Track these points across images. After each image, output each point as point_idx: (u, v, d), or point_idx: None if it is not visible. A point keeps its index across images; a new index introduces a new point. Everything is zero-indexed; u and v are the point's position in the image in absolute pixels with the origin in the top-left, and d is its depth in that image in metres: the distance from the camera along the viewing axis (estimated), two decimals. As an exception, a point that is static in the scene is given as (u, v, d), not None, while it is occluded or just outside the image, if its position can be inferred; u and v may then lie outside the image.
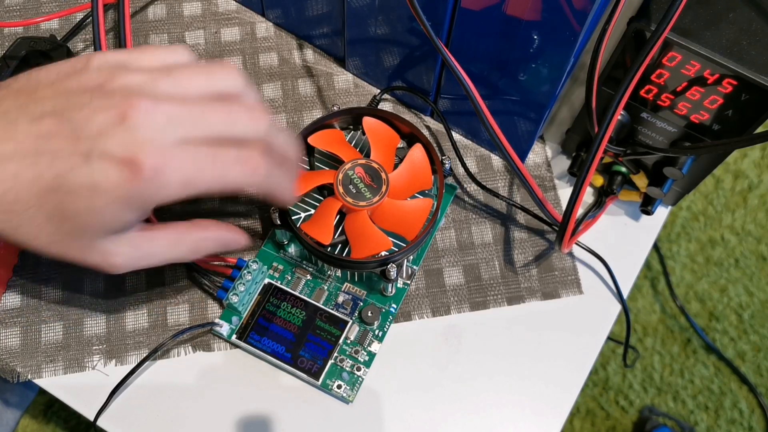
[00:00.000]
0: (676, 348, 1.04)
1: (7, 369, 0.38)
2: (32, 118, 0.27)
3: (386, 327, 0.38)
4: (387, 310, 0.39)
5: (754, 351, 1.05)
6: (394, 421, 0.38)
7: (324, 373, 0.37)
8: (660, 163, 0.38)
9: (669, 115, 0.36)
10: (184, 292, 0.40)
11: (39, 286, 0.39)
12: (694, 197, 1.14)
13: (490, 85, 0.38)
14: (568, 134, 0.42)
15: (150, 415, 0.37)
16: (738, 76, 0.31)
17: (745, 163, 1.16)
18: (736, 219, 1.13)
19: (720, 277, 1.09)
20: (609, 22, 0.32)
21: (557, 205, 0.43)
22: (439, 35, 0.36)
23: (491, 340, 0.39)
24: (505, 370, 0.39)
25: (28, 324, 0.38)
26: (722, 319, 1.06)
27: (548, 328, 0.40)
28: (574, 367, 0.39)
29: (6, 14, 0.48)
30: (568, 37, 0.32)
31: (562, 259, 0.42)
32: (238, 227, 0.35)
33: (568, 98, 0.40)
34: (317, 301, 0.38)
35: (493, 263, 0.41)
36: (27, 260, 0.40)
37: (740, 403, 1.02)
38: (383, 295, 0.39)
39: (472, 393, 0.38)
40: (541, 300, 0.41)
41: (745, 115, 0.33)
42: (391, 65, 0.42)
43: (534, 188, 0.36)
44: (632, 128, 0.38)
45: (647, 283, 1.08)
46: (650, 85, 0.35)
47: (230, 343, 0.38)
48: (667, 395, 1.02)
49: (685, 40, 0.32)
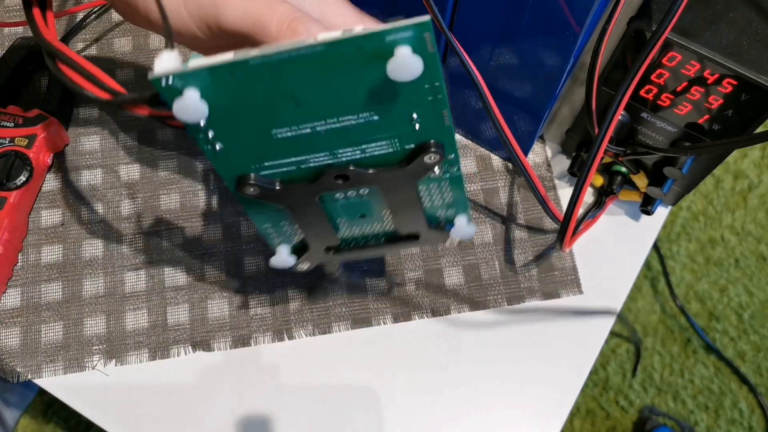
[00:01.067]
0: (676, 348, 1.04)
1: (7, 369, 0.38)
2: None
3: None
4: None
5: (754, 351, 1.05)
6: (393, 422, 0.38)
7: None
8: (660, 163, 0.38)
9: (669, 115, 0.36)
10: (184, 292, 0.40)
11: (39, 286, 0.39)
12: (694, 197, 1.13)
13: (490, 84, 0.38)
14: (568, 134, 0.42)
15: (150, 415, 0.37)
16: (738, 76, 0.31)
17: (745, 163, 1.16)
18: (736, 219, 1.12)
19: (720, 277, 1.09)
20: (609, 22, 0.32)
21: (557, 205, 0.43)
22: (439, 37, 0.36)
23: (491, 340, 0.39)
24: (504, 369, 0.39)
25: (28, 324, 0.38)
26: (722, 319, 1.06)
27: (548, 328, 0.40)
28: (574, 367, 0.39)
29: (6, 14, 0.48)
30: (568, 37, 0.32)
31: (562, 259, 0.42)
32: None
33: (568, 98, 0.40)
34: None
35: (493, 263, 0.41)
36: (27, 260, 0.40)
37: (740, 403, 1.02)
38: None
39: (472, 393, 0.38)
40: (541, 300, 0.41)
41: (745, 115, 0.33)
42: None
43: (537, 185, 0.36)
44: (632, 128, 0.38)
45: (647, 283, 1.08)
46: (650, 85, 0.35)
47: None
48: (667, 395, 1.02)
49: (685, 40, 0.32)
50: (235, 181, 0.27)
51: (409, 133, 0.26)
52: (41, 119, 0.41)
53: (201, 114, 0.23)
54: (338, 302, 0.40)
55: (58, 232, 0.41)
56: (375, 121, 0.25)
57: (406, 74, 0.22)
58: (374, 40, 0.22)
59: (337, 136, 0.25)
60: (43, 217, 0.41)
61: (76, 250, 0.40)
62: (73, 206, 0.41)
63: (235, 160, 0.26)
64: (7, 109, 0.41)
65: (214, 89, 0.23)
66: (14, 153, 0.40)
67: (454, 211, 0.30)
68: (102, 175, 0.42)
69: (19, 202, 0.40)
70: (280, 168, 0.26)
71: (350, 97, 0.24)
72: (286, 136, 0.25)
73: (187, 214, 0.42)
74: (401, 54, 0.22)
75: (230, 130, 0.25)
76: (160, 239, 0.41)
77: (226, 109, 0.24)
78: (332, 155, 0.26)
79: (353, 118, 0.25)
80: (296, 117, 0.24)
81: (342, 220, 0.30)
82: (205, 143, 0.25)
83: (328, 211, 0.29)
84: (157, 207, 0.42)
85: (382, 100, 0.24)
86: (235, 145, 0.25)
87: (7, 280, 0.39)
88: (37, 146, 0.40)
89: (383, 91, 0.24)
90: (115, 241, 0.41)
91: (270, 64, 0.23)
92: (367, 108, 0.24)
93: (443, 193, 0.29)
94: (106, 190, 0.42)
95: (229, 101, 0.24)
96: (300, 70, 0.23)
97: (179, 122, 0.24)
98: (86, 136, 0.43)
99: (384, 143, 0.26)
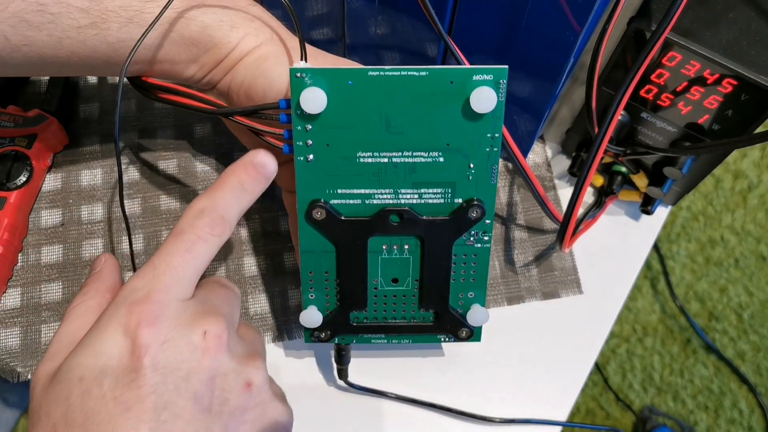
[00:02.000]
0: (676, 348, 1.05)
1: (7, 369, 0.38)
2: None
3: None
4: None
5: (753, 351, 1.05)
6: (392, 422, 0.38)
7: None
8: (660, 163, 0.38)
9: (669, 115, 0.36)
10: (184, 292, 0.39)
11: (39, 286, 0.39)
12: (694, 197, 1.14)
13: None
14: (568, 134, 0.42)
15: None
16: (738, 76, 0.32)
17: (745, 163, 1.16)
18: (736, 219, 1.13)
19: (720, 277, 1.09)
20: (609, 22, 0.32)
21: (557, 205, 0.43)
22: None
23: (491, 341, 0.39)
24: (504, 369, 0.39)
25: (28, 324, 0.38)
26: (722, 319, 1.06)
27: (548, 328, 0.40)
28: (574, 367, 0.39)
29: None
30: (568, 37, 0.32)
31: (562, 259, 0.42)
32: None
33: (568, 98, 0.40)
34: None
35: (493, 263, 0.41)
36: (27, 260, 0.40)
37: (740, 403, 1.02)
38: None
39: (472, 393, 0.38)
40: (541, 300, 0.41)
41: (745, 115, 0.33)
42: (391, 65, 0.42)
43: (536, 186, 0.36)
44: (632, 128, 0.38)
45: (647, 283, 1.08)
46: (650, 85, 0.35)
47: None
48: (667, 395, 1.02)
49: (685, 40, 0.32)
50: (308, 204, 0.30)
51: (462, 184, 0.30)
52: (41, 119, 0.41)
53: (321, 104, 0.28)
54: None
55: (58, 232, 0.41)
56: (440, 163, 0.30)
57: (484, 104, 0.28)
58: (463, 75, 0.28)
59: (405, 172, 0.30)
60: (43, 217, 0.41)
61: (76, 250, 0.40)
62: (73, 206, 0.41)
63: (317, 179, 0.30)
64: (7, 109, 0.41)
65: (333, 89, 0.28)
66: (14, 153, 0.40)
67: (473, 295, 0.34)
68: (102, 175, 0.42)
69: (19, 202, 0.40)
70: (348, 199, 0.31)
71: (429, 130, 0.29)
72: (367, 162, 0.30)
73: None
74: (483, 87, 0.27)
75: (328, 139, 0.29)
76: (160, 239, 0.41)
77: (335, 111, 0.28)
78: (395, 195, 0.31)
79: (424, 156, 0.30)
80: (382, 142, 0.29)
81: (377, 280, 0.33)
82: (302, 151, 0.29)
83: (369, 264, 0.32)
84: (157, 207, 0.42)
85: (451, 140, 0.29)
86: (325, 160, 0.30)
87: (7, 280, 0.39)
88: (37, 146, 0.40)
89: (455, 130, 0.29)
90: (115, 241, 0.41)
91: (384, 78, 0.28)
92: (438, 146, 0.29)
93: (469, 267, 0.33)
94: (106, 190, 0.42)
95: (341, 103, 0.28)
96: (403, 88, 0.28)
97: (273, 136, 0.30)
98: (86, 136, 0.43)
99: (439, 191, 0.31)
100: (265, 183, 0.30)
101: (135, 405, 0.24)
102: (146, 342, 0.25)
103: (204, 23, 0.31)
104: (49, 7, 0.28)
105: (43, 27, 0.28)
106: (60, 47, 0.29)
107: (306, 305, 0.33)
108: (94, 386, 0.25)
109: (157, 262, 0.27)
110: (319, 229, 0.31)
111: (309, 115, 0.28)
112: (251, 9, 0.33)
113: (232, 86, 0.32)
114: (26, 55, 0.29)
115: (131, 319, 0.25)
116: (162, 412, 0.24)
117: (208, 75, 0.33)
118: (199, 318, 0.27)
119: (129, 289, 0.27)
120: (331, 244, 0.32)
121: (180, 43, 0.31)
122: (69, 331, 0.28)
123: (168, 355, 0.25)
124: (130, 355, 0.25)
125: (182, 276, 0.27)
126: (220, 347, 0.26)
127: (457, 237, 0.31)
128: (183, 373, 0.25)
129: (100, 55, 0.30)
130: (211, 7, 0.31)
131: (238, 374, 0.27)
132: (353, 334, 0.35)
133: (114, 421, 0.24)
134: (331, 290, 0.33)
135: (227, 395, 0.26)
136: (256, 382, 0.28)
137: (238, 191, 0.29)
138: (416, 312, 0.34)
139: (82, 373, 0.25)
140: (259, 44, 0.32)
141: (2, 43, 0.28)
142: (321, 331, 0.34)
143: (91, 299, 0.29)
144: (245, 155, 0.30)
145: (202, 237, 0.27)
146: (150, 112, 0.44)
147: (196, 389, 0.25)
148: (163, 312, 0.26)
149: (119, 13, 0.29)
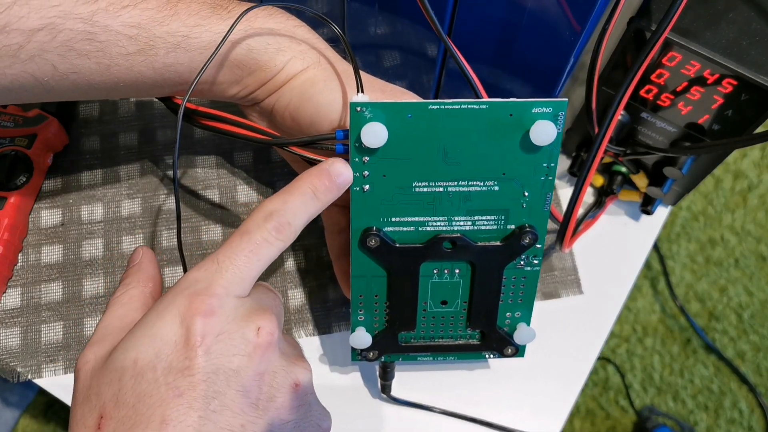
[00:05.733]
0: (676, 348, 1.04)
1: (7, 369, 0.38)
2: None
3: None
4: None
5: (753, 351, 1.05)
6: (393, 422, 0.38)
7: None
8: (660, 163, 0.38)
9: (669, 115, 0.36)
10: (184, 292, 0.39)
11: (39, 286, 0.39)
12: (694, 197, 1.13)
13: (490, 84, 0.38)
14: (568, 134, 0.42)
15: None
16: (738, 76, 0.32)
17: (745, 163, 1.16)
18: (736, 219, 1.12)
19: (720, 277, 1.09)
20: (609, 22, 0.32)
21: (557, 205, 0.43)
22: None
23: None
24: (505, 369, 0.39)
25: (28, 324, 0.38)
26: (722, 319, 1.06)
27: (548, 327, 0.40)
28: (574, 367, 0.39)
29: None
30: (568, 37, 0.32)
31: (562, 259, 0.42)
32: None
33: (568, 98, 0.40)
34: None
35: (493, 263, 0.41)
36: (27, 260, 0.40)
37: (740, 403, 1.02)
38: None
39: (472, 393, 0.38)
40: (541, 300, 0.41)
41: (745, 115, 0.33)
42: (391, 65, 0.42)
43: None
44: (632, 128, 0.38)
45: (647, 283, 1.08)
46: (650, 85, 0.35)
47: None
48: (667, 395, 1.02)
49: (685, 40, 0.32)
50: (362, 232, 0.30)
51: (516, 211, 0.30)
52: (41, 119, 0.41)
53: (382, 139, 0.28)
54: (338, 302, 0.40)
55: (58, 232, 0.41)
56: (495, 191, 0.30)
57: (543, 137, 0.28)
58: (523, 108, 0.28)
59: (460, 200, 0.30)
60: (43, 217, 0.41)
61: (76, 250, 0.40)
62: (73, 206, 0.41)
63: (372, 208, 0.30)
64: (7, 109, 0.41)
65: (393, 122, 0.28)
66: (14, 153, 0.40)
67: (520, 315, 0.34)
68: (102, 175, 0.42)
69: (19, 202, 0.40)
70: (402, 227, 0.31)
71: (486, 160, 0.29)
72: (422, 191, 0.30)
73: (188, 214, 0.42)
74: (544, 121, 0.27)
75: (385, 171, 0.29)
76: (160, 239, 0.41)
77: (394, 144, 0.28)
78: (448, 222, 0.30)
79: (479, 185, 0.29)
80: (439, 172, 0.29)
81: (426, 302, 0.33)
82: (358, 182, 0.29)
83: (420, 288, 0.32)
84: (157, 207, 0.42)
85: (508, 170, 0.29)
86: (381, 190, 0.30)
87: (7, 280, 0.39)
88: (37, 146, 0.40)
89: (512, 160, 0.29)
90: (115, 241, 0.41)
91: (444, 111, 0.28)
92: (494, 176, 0.29)
93: (518, 289, 0.33)
94: (106, 190, 0.42)
95: (400, 137, 0.28)
96: (462, 121, 0.28)
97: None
98: (86, 136, 0.43)
99: (492, 218, 0.30)
100: (336, 193, 0.29)
101: (186, 391, 0.24)
102: (202, 332, 0.25)
103: (250, 46, 0.31)
104: (98, 35, 0.28)
105: (92, 55, 0.28)
106: (108, 74, 0.29)
107: (354, 327, 0.33)
108: (148, 370, 0.25)
109: (221, 257, 0.27)
110: (373, 256, 0.31)
111: (369, 149, 0.28)
112: (298, 31, 0.33)
113: (276, 107, 0.32)
114: (74, 82, 0.29)
115: (190, 308, 0.26)
116: (212, 402, 0.25)
117: (252, 95, 0.33)
118: (254, 315, 0.27)
119: (190, 279, 0.27)
120: (383, 270, 0.32)
121: (224, 65, 0.31)
122: (115, 317, 0.29)
123: (222, 347, 0.25)
124: (185, 343, 0.25)
125: (244, 276, 0.27)
126: (271, 344, 0.27)
127: (509, 262, 0.31)
128: (234, 366, 0.26)
129: (146, 80, 0.30)
130: (257, 30, 0.31)
131: (287, 373, 0.27)
132: (400, 353, 0.35)
133: (165, 405, 0.24)
134: (381, 311, 0.33)
135: (275, 392, 0.27)
136: (303, 383, 0.28)
137: (309, 198, 0.29)
138: (463, 331, 0.34)
139: (137, 355, 0.25)
140: (306, 67, 0.32)
141: (50, 72, 0.28)
142: (369, 351, 0.34)
143: (134, 288, 0.30)
144: (322, 162, 0.29)
145: (268, 240, 0.27)
146: (150, 112, 0.44)
147: (245, 383, 0.26)
148: (221, 305, 0.26)
149: (166, 39, 0.29)
